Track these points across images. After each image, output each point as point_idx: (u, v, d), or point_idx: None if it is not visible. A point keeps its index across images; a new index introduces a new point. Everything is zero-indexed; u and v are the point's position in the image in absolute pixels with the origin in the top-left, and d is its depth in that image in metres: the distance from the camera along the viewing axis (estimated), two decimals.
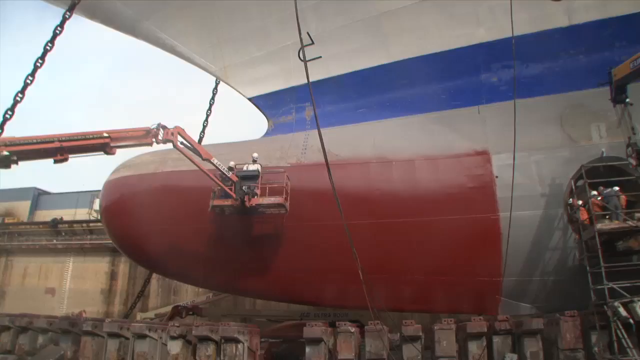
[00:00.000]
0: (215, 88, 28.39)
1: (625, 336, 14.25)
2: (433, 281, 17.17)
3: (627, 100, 15.25)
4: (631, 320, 14.20)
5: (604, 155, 16.58)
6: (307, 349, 15.84)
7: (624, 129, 15.54)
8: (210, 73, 21.32)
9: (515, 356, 15.57)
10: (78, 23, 21.86)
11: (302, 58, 14.95)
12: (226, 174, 16.75)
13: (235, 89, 20.59)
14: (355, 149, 17.10)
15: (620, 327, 14.32)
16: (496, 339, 15.85)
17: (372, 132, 17.44)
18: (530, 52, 16.19)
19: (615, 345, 14.29)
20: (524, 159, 16.05)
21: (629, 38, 15.78)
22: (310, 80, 14.68)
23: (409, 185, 16.94)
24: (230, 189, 16.87)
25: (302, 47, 14.37)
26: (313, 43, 17.81)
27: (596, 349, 15.00)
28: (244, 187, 16.79)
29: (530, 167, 16.57)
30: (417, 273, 17.09)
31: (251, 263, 18.70)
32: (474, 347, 15.77)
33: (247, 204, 16.82)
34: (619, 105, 15.48)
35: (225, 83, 20.98)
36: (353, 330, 16.00)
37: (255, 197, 16.95)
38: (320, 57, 17.60)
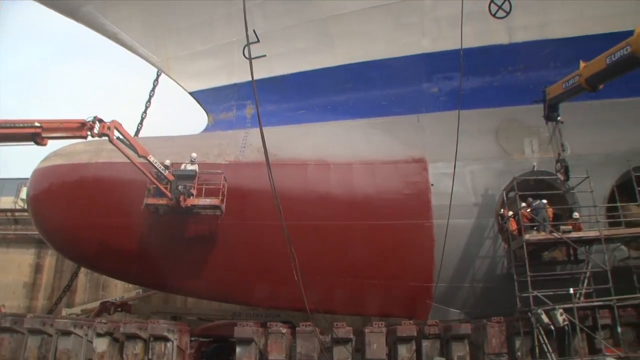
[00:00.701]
0: (156, 80, 27.76)
1: (546, 341, 15.18)
2: (366, 285, 17.42)
3: (559, 118, 16.07)
4: (552, 327, 15.12)
5: (535, 169, 17.43)
6: (238, 349, 15.78)
7: (555, 146, 16.34)
8: (152, 64, 20.84)
9: None
10: (16, 6, 20.96)
11: (246, 55, 14.90)
12: (162, 172, 16.44)
13: (176, 82, 20.19)
14: (295, 150, 17.18)
15: (542, 333, 15.23)
16: (425, 343, 16.33)
17: (312, 134, 17.56)
18: (472, 65, 16.64)
19: (537, 349, 15.16)
20: (459, 169, 16.43)
21: (564, 59, 16.58)
22: (254, 78, 14.69)
23: (346, 188, 17.16)
24: (166, 188, 16.54)
25: (248, 44, 14.35)
26: (258, 41, 17.75)
27: (519, 353, 15.81)
28: (180, 186, 16.56)
29: (466, 176, 17.14)
30: (351, 276, 17.32)
31: (184, 261, 18.34)
32: (403, 351, 16.20)
33: (182, 204, 16.58)
34: (551, 123, 16.28)
35: (167, 75, 20.58)
36: (284, 331, 16.06)
37: (191, 197, 16.74)
38: (265, 55, 17.58)
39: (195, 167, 17.31)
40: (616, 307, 15.82)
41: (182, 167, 17.42)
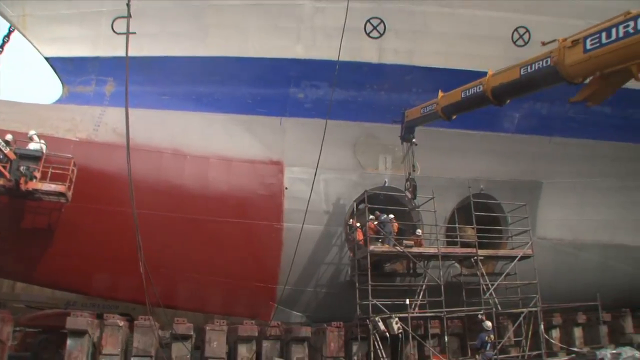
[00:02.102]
0: (7, 36, 25.11)
1: (381, 347, 16.40)
2: (211, 281, 17.42)
3: (414, 140, 17.41)
4: (387, 334, 16.39)
5: (386, 184, 18.73)
6: (69, 342, 14.71)
7: (406, 165, 17.69)
8: (5, 18, 19.11)
9: None
10: None
11: (115, 30, 14.33)
12: (2, 149, 14.66)
13: (32, 43, 18.60)
14: (152, 136, 16.67)
15: (378, 339, 16.44)
16: (266, 344, 16.76)
17: (171, 122, 17.15)
18: (341, 78, 17.05)
19: (372, 354, 16.26)
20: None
21: (425, 87, 17.79)
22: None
23: (200, 182, 17.06)
24: (5, 167, 14.77)
25: (129, 17, 13.80)
26: (130, 17, 17.13)
27: (355, 357, 16.93)
28: (22, 167, 14.89)
29: (320, 184, 17.68)
30: (196, 272, 17.23)
31: (18, 243, 16.98)
32: (243, 350, 16.44)
33: (22, 186, 14.95)
34: (405, 143, 17.62)
35: (22, 34, 19.01)
36: (122, 324, 15.47)
37: (34, 180, 15.12)
38: (135, 33, 17.01)
39: (41, 146, 15.70)
40: (445, 318, 17.55)
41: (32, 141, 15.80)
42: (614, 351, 15.66)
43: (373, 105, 18.36)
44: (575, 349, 20.52)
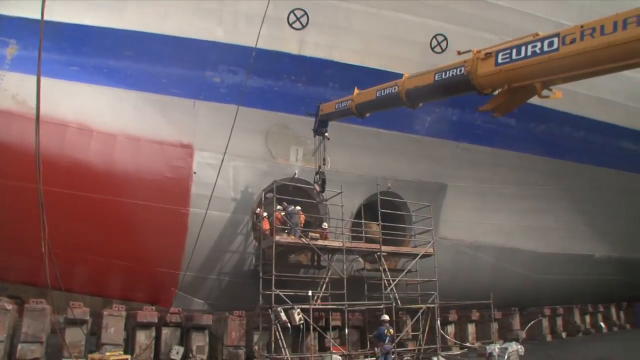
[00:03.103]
0: None
1: (282, 337, 16.79)
2: (110, 265, 17.08)
3: (326, 134, 17.86)
4: (289, 325, 16.80)
5: (296, 176, 19.13)
6: None
7: (317, 158, 18.12)
8: None
9: (181, 349, 16.59)
10: None
11: None
12: None
13: None
14: (56, 107, 15.85)
15: (280, 329, 16.80)
16: (165, 331, 16.72)
17: (79, 94, 16.33)
18: (259, 66, 17.23)
19: (273, 344, 16.61)
20: (225, 162, 16.91)
21: (342, 82, 18.30)
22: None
23: (106, 160, 16.58)
24: None
25: None
26: None
27: (256, 347, 17.25)
28: None
29: (229, 171, 17.87)
30: (95, 253, 16.78)
31: None
32: (142, 337, 16.36)
33: None
34: (318, 137, 18.00)
35: None
36: (10, 307, 14.69)
37: None
38: None
39: None
40: (347, 311, 18.23)
41: None
42: (502, 346, 16.89)
43: (289, 96, 18.58)
44: (468, 344, 22.06)
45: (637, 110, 25.24)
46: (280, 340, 16.86)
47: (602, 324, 30.26)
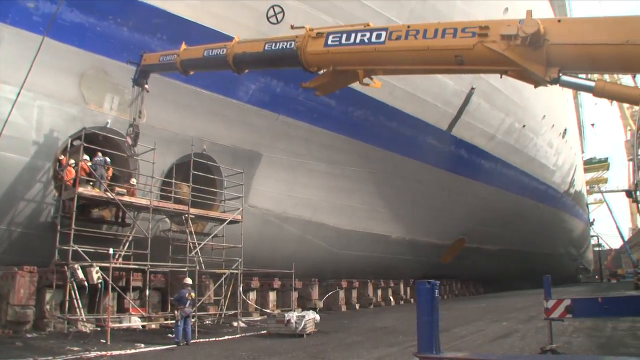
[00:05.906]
0: None
1: (78, 297, 16.50)
2: None
3: (146, 86, 17.44)
4: (86, 283, 16.54)
5: (108, 126, 18.74)
6: None
7: (133, 110, 17.89)
8: None
9: None
10: None
11: None
12: None
13: None
14: None
15: (76, 288, 16.50)
16: None
17: None
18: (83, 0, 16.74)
19: (67, 304, 16.26)
20: (28, 100, 16.33)
21: (171, 35, 18.20)
22: None
23: None
24: None
25: None
26: None
27: (48, 306, 16.73)
28: None
29: (33, 110, 16.92)
30: None
31: None
32: None
33: None
34: (137, 87, 17.59)
35: None
36: None
37: None
38: None
39: None
40: (149, 272, 18.58)
41: None
42: (300, 314, 18.39)
43: (112, 40, 18.05)
44: (267, 311, 23.82)
45: (443, 111, 29.53)
46: (75, 300, 16.51)
47: (391, 297, 35.78)
